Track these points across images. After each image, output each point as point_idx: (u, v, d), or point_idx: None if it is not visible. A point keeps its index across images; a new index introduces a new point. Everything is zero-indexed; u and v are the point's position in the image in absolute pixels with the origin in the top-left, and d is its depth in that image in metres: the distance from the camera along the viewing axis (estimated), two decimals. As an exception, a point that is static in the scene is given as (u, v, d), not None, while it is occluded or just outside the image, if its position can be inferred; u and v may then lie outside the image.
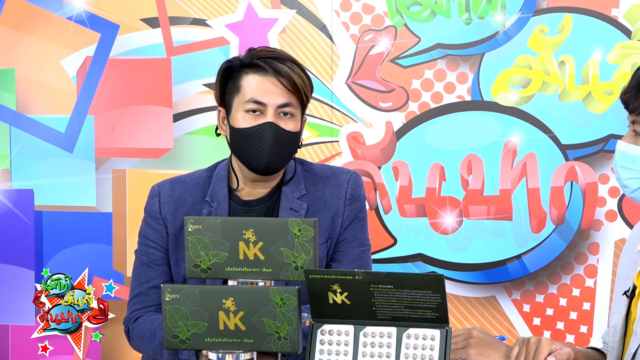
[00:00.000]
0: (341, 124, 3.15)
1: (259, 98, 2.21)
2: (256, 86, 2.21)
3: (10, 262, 3.32)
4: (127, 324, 2.35)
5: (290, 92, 2.22)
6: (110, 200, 3.27)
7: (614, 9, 3.01)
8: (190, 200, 2.32)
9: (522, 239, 3.09)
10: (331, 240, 2.32)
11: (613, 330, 2.05)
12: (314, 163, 2.41)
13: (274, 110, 2.21)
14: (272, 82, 2.21)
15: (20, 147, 3.30)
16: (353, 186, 2.35)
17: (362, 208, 2.37)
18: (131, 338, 2.35)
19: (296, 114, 2.25)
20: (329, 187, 2.33)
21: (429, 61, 3.11)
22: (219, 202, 2.30)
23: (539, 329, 3.11)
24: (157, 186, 2.37)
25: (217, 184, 2.32)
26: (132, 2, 3.24)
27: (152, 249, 2.33)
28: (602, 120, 3.03)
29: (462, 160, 3.11)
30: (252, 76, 2.23)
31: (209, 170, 2.37)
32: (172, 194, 2.33)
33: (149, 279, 2.33)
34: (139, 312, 2.33)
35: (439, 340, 1.76)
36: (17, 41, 3.29)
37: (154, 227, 2.33)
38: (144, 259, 2.34)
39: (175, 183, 2.36)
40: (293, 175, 2.32)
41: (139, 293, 2.33)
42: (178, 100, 3.23)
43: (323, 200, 2.32)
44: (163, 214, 2.32)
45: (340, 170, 2.38)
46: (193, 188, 2.33)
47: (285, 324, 1.77)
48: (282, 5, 3.17)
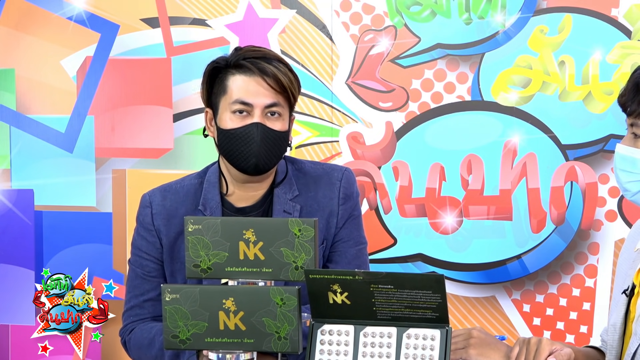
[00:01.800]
0: (341, 124, 3.15)
1: (246, 99, 2.19)
2: (242, 87, 2.19)
3: (10, 262, 3.32)
4: (124, 335, 2.33)
5: (277, 92, 2.20)
6: (110, 200, 3.27)
7: (614, 9, 3.01)
8: (183, 210, 2.27)
9: (522, 239, 3.09)
10: (327, 241, 2.30)
11: (612, 329, 2.05)
12: (304, 161, 2.38)
13: (261, 110, 2.19)
14: (258, 83, 2.19)
15: (20, 147, 3.30)
16: (346, 184, 2.31)
17: (355, 206, 2.33)
18: (129, 349, 2.33)
19: (283, 113, 2.22)
20: (321, 188, 2.30)
21: (429, 61, 3.11)
22: (212, 210, 2.26)
23: (539, 329, 3.11)
24: (147, 196, 2.32)
25: (209, 191, 2.28)
26: (132, 2, 3.24)
27: (146, 260, 2.30)
28: (602, 120, 3.03)
29: (462, 160, 3.11)
30: (238, 77, 2.20)
31: (199, 176, 2.32)
32: (164, 204, 2.29)
33: (144, 291, 2.30)
34: (135, 325, 2.30)
35: (439, 340, 1.76)
36: (17, 41, 3.29)
37: (147, 238, 2.29)
38: (138, 271, 2.31)
39: (166, 192, 2.31)
40: (285, 176, 2.30)
41: (134, 306, 2.31)
42: (178, 100, 3.23)
43: (316, 201, 2.29)
44: (156, 225, 2.28)
45: (331, 168, 2.34)
46: (185, 197, 2.29)
47: (286, 324, 1.77)
48: (282, 5, 3.17)
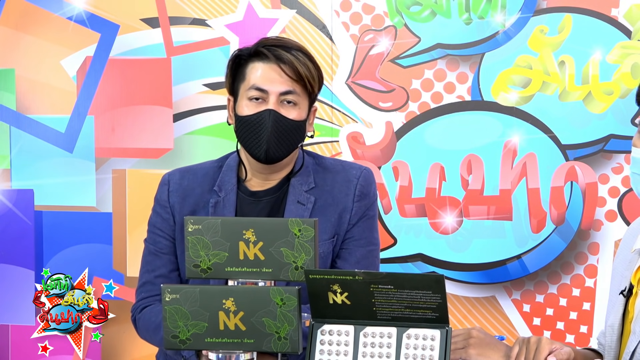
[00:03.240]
0: (341, 124, 3.15)
1: (261, 85, 2.21)
2: (259, 74, 2.22)
3: (10, 262, 3.32)
4: (134, 313, 2.36)
5: (294, 80, 2.21)
6: (110, 200, 3.27)
7: (614, 9, 3.00)
8: (199, 190, 2.32)
9: (522, 239, 3.09)
10: (338, 236, 2.30)
11: (610, 330, 2.04)
12: (326, 157, 2.39)
13: (276, 97, 2.21)
14: (274, 70, 2.21)
15: (20, 147, 3.30)
16: (363, 182, 2.31)
17: (371, 205, 2.33)
18: (137, 328, 2.36)
19: (300, 102, 2.24)
20: (338, 182, 2.31)
21: (429, 61, 3.11)
22: (226, 191, 2.29)
23: (539, 329, 3.11)
24: (167, 175, 2.37)
25: (226, 174, 2.32)
26: (132, 2, 3.24)
27: (159, 237, 2.33)
28: (602, 120, 3.03)
29: (462, 160, 3.11)
30: (256, 64, 2.23)
31: (220, 161, 2.36)
32: (181, 182, 2.33)
33: (155, 267, 2.33)
34: (146, 302, 2.33)
35: (439, 340, 1.76)
36: (17, 41, 3.29)
37: (162, 215, 2.33)
38: (151, 248, 2.34)
39: (185, 172, 2.36)
40: (301, 166, 2.31)
41: (146, 282, 2.34)
42: (178, 100, 3.23)
43: (332, 195, 2.30)
44: (171, 202, 2.32)
45: (351, 166, 2.35)
46: (202, 178, 2.33)
47: (286, 324, 1.77)
48: (282, 5, 3.17)
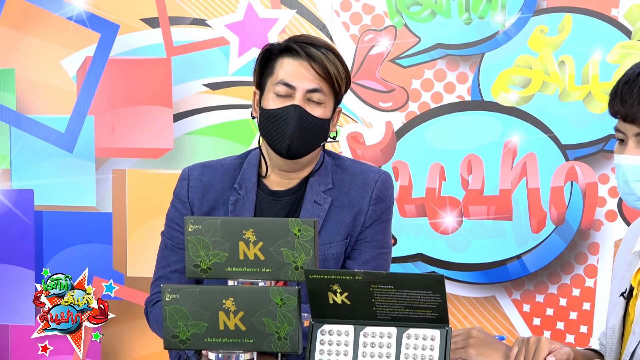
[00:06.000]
0: (341, 124, 3.15)
1: (289, 80, 2.21)
2: (288, 69, 2.22)
3: (10, 262, 3.32)
4: (147, 306, 2.35)
5: (322, 78, 2.22)
6: (110, 200, 3.27)
7: (614, 9, 3.01)
8: (219, 187, 2.31)
9: (522, 239, 3.09)
10: (351, 237, 2.30)
11: (611, 331, 2.04)
12: (346, 158, 2.39)
13: (302, 94, 2.21)
14: (303, 67, 2.22)
15: (20, 147, 3.30)
16: (380, 187, 2.32)
17: (387, 210, 2.34)
18: (149, 321, 2.36)
19: (326, 101, 2.24)
20: (355, 184, 2.31)
21: (429, 61, 3.11)
22: (247, 189, 2.29)
23: (539, 329, 3.11)
24: (187, 169, 2.36)
25: (247, 172, 2.31)
26: (132, 2, 3.24)
27: (176, 232, 2.32)
28: (602, 120, 3.03)
29: (462, 160, 3.11)
30: (286, 59, 2.24)
31: (242, 157, 2.36)
32: (201, 178, 2.33)
33: (171, 262, 2.32)
34: (159, 296, 2.32)
35: (439, 340, 1.76)
36: (17, 41, 3.29)
37: (181, 210, 2.32)
38: (168, 242, 2.34)
39: (205, 168, 2.35)
40: (320, 165, 2.31)
41: (161, 276, 2.33)
42: (178, 100, 3.23)
43: (348, 197, 2.30)
44: (190, 198, 2.32)
45: (370, 169, 2.35)
46: (223, 174, 2.33)
47: (285, 324, 1.77)
48: (282, 5, 3.17)
